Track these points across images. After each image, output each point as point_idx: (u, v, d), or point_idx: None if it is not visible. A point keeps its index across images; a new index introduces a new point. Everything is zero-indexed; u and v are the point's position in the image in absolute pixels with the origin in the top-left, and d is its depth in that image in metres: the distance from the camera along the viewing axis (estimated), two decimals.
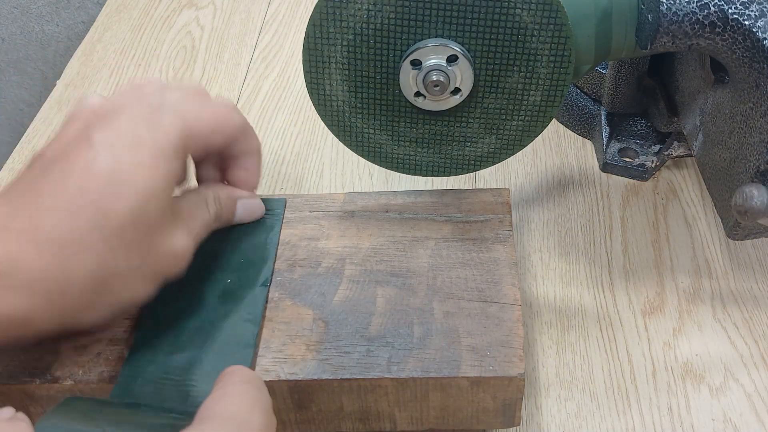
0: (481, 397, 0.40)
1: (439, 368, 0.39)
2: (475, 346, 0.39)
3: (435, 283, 0.43)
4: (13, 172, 0.62)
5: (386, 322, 0.41)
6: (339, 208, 0.47)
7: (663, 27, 0.39)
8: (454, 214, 0.46)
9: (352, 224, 0.46)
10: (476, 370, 0.38)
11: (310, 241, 0.45)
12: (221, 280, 0.43)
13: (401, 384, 0.39)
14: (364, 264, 0.44)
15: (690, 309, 0.50)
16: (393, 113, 0.44)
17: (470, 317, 0.41)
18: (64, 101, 0.69)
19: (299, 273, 0.44)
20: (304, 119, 0.65)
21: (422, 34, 0.40)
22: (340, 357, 0.39)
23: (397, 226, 0.46)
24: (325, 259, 0.44)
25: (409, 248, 0.45)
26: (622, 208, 0.56)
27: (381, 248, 0.45)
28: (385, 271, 0.43)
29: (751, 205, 0.36)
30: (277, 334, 0.41)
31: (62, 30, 0.91)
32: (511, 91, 0.42)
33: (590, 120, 0.59)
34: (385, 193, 0.48)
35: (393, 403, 0.40)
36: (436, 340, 0.40)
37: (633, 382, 0.46)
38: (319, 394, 0.40)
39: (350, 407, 0.41)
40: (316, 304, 0.42)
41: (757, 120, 0.40)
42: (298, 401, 0.40)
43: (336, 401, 0.40)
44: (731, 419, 0.44)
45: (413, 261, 0.44)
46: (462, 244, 0.45)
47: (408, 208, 0.47)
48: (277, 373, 0.39)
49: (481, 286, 0.42)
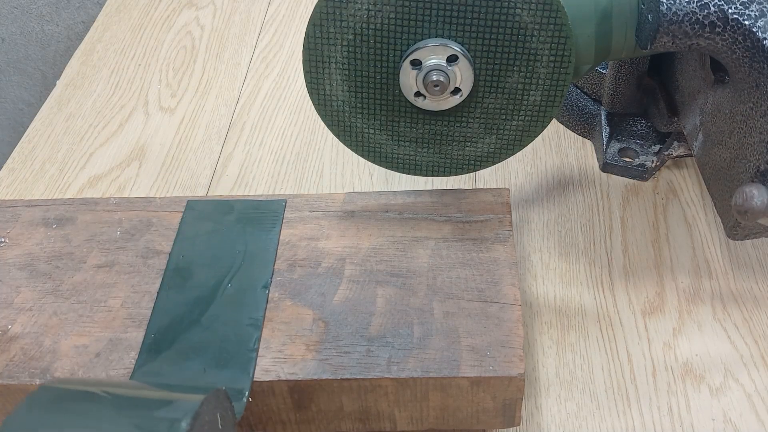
0: (481, 397, 0.40)
1: (439, 368, 0.39)
2: (475, 346, 0.39)
3: (435, 283, 0.43)
4: (13, 172, 0.62)
5: (386, 322, 0.41)
6: (339, 208, 0.47)
7: (663, 27, 0.39)
8: (454, 214, 0.46)
9: (352, 224, 0.46)
10: (476, 370, 0.38)
11: (310, 241, 0.45)
12: (222, 284, 0.43)
13: (401, 384, 0.39)
14: (364, 264, 0.44)
15: (690, 309, 0.50)
16: (393, 113, 0.44)
17: (470, 317, 0.41)
18: (64, 101, 0.69)
19: (299, 273, 0.44)
20: (304, 119, 0.65)
21: (422, 34, 0.40)
22: (340, 357, 0.39)
23: (397, 226, 0.46)
24: (325, 259, 0.44)
25: (409, 248, 0.45)
26: (622, 208, 0.56)
27: (381, 248, 0.45)
28: (385, 271, 0.43)
29: (751, 205, 0.36)
30: (277, 335, 0.41)
31: (62, 30, 0.91)
32: (511, 91, 0.42)
33: (590, 120, 0.59)
34: (384, 193, 0.48)
35: (393, 403, 0.40)
36: (436, 341, 0.40)
37: (633, 382, 0.46)
38: (319, 394, 0.40)
39: (350, 407, 0.41)
40: (316, 304, 0.42)
41: (757, 120, 0.40)
42: (298, 401, 0.40)
43: (336, 401, 0.40)
44: (731, 419, 0.44)
45: (413, 261, 0.44)
46: (462, 244, 0.45)
47: (408, 208, 0.47)
48: (277, 373, 0.39)
49: (481, 286, 0.42)
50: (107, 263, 0.45)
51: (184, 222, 0.47)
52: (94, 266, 0.45)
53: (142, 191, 0.60)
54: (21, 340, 0.41)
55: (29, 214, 0.48)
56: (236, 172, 0.61)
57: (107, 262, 0.45)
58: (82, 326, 0.42)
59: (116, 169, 0.62)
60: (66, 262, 0.45)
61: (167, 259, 0.45)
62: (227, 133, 0.64)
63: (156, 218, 0.47)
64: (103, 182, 0.61)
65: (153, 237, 0.46)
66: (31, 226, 0.47)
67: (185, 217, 0.47)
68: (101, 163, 0.62)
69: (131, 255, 0.45)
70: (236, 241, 0.45)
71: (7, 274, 0.45)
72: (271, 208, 0.47)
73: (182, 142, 0.64)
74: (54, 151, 0.64)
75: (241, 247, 0.45)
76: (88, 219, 0.48)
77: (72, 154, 0.63)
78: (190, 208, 0.48)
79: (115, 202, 0.48)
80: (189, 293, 0.43)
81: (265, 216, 0.47)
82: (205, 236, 0.46)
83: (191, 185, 0.60)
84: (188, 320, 0.42)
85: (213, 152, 0.63)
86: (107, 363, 0.40)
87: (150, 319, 0.42)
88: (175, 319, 0.42)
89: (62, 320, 0.42)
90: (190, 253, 0.45)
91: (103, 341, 0.41)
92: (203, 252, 0.45)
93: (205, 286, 0.43)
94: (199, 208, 0.48)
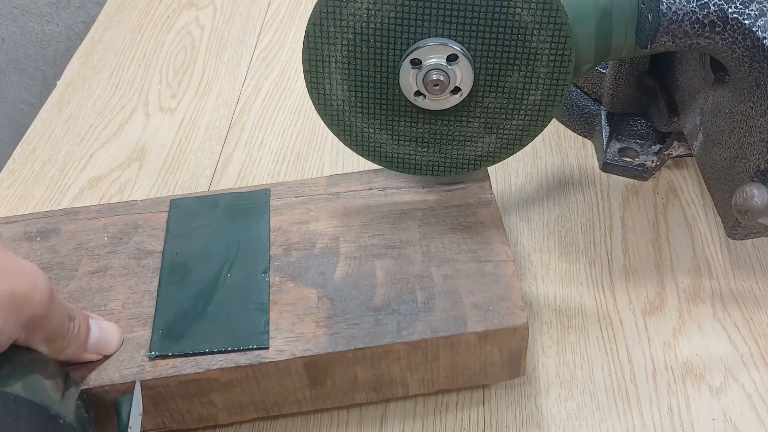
0: (488, 351, 0.41)
1: (447, 327, 0.40)
2: (477, 303, 0.41)
3: (429, 250, 0.44)
4: (13, 173, 0.62)
5: (389, 291, 0.42)
6: (324, 191, 0.48)
7: (663, 26, 0.39)
8: (434, 186, 0.48)
9: (339, 205, 0.47)
10: (482, 324, 0.40)
11: (301, 225, 0.46)
12: (221, 276, 0.43)
13: (412, 347, 0.40)
14: (357, 240, 0.45)
15: (690, 309, 0.50)
16: (393, 113, 0.44)
17: (468, 277, 0.42)
18: (64, 101, 0.69)
19: (296, 256, 0.44)
20: (304, 119, 0.65)
21: (422, 34, 0.40)
22: (350, 329, 0.40)
23: (383, 202, 0.47)
24: (318, 240, 0.45)
25: (399, 221, 0.46)
26: (622, 208, 0.56)
27: (371, 224, 0.46)
28: (380, 245, 0.45)
29: (751, 205, 0.37)
30: (285, 316, 0.41)
31: (62, 30, 0.91)
32: (511, 90, 0.42)
33: (590, 120, 0.59)
34: (366, 172, 0.49)
35: (405, 367, 0.41)
36: (440, 303, 0.41)
37: (633, 382, 0.46)
38: (334, 368, 0.41)
39: (364, 377, 0.42)
40: (318, 283, 0.43)
41: (757, 119, 0.40)
42: (314, 377, 0.41)
43: (350, 372, 0.41)
44: (731, 419, 0.44)
45: (405, 232, 0.45)
46: (448, 211, 0.46)
47: (391, 184, 0.48)
48: (292, 352, 0.40)
49: (473, 247, 0.44)
50: (100, 268, 0.45)
51: (171, 220, 0.47)
52: (88, 273, 0.45)
53: (142, 192, 0.60)
54: None
55: (9, 231, 0.47)
56: (236, 172, 0.61)
57: (100, 268, 0.45)
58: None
59: (116, 169, 0.62)
60: (57, 272, 0.45)
61: (161, 257, 0.45)
62: (227, 133, 0.64)
63: (141, 220, 0.47)
64: (104, 183, 0.60)
65: (142, 238, 0.46)
66: (14, 241, 0.47)
67: (171, 215, 0.47)
68: (102, 164, 0.62)
69: (123, 258, 0.45)
70: (228, 233, 0.46)
71: None
72: (257, 198, 0.48)
73: (182, 142, 0.64)
74: (54, 151, 0.64)
75: (234, 238, 0.45)
76: (72, 228, 0.47)
77: (72, 154, 0.63)
78: (174, 206, 0.48)
79: (97, 209, 0.48)
80: (189, 288, 0.43)
81: (252, 206, 0.47)
82: (196, 232, 0.46)
83: (191, 186, 0.60)
84: (194, 314, 0.42)
85: (213, 152, 0.63)
86: (118, 364, 0.40)
87: (155, 317, 0.42)
88: (179, 314, 0.42)
89: None
90: (183, 249, 0.45)
91: None
92: (197, 247, 0.45)
93: (205, 279, 0.43)
94: (184, 206, 0.48)
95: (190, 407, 0.41)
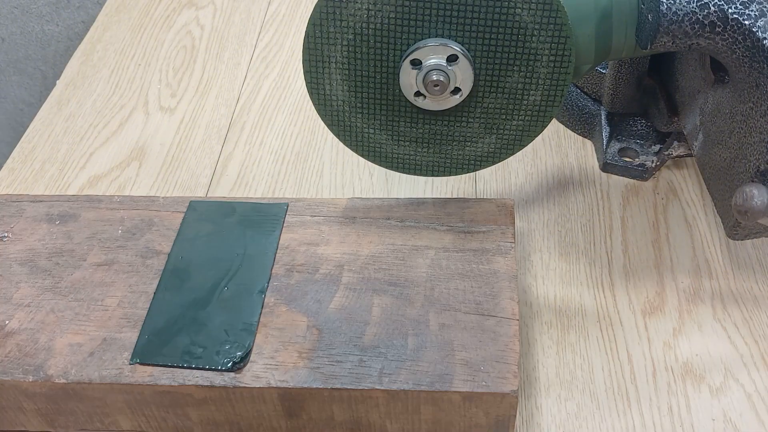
0: (473, 413, 0.39)
1: (432, 381, 0.38)
2: (469, 361, 0.39)
3: (432, 293, 0.42)
4: (13, 172, 0.62)
5: (381, 332, 0.40)
6: (341, 214, 0.47)
7: (663, 27, 0.39)
8: (456, 224, 0.46)
9: (353, 231, 0.46)
10: (469, 384, 0.38)
11: (310, 246, 0.45)
12: (218, 287, 0.43)
13: (392, 396, 0.38)
14: (362, 272, 0.44)
15: (690, 309, 0.50)
16: (393, 113, 0.44)
17: (466, 330, 0.40)
18: (64, 101, 0.69)
19: (297, 279, 0.43)
20: (304, 119, 0.65)
21: (422, 34, 0.40)
22: (331, 366, 0.39)
23: (398, 234, 0.46)
24: (323, 265, 0.44)
25: (409, 257, 0.44)
26: (622, 208, 0.56)
27: (380, 256, 0.44)
28: (383, 280, 0.43)
29: (751, 205, 0.36)
30: (270, 340, 0.40)
31: (62, 30, 0.91)
32: (511, 90, 0.42)
33: (590, 120, 0.59)
34: (388, 200, 0.48)
35: (384, 414, 0.40)
36: (430, 353, 0.39)
37: (633, 382, 0.46)
38: (310, 403, 0.39)
39: (341, 417, 0.40)
40: (311, 311, 0.42)
41: (757, 120, 0.40)
42: (289, 409, 0.40)
43: (327, 410, 0.40)
44: (731, 419, 0.44)
45: (412, 270, 0.43)
46: (462, 254, 0.44)
47: (410, 216, 0.47)
48: (268, 380, 0.39)
49: (479, 298, 0.42)
50: (107, 261, 0.45)
51: (185, 223, 0.47)
52: (94, 264, 0.45)
53: (142, 191, 0.60)
54: (17, 336, 0.41)
55: (33, 210, 0.48)
56: (236, 171, 0.61)
57: (107, 261, 0.45)
58: (78, 324, 0.42)
59: (116, 169, 0.62)
60: (66, 259, 0.45)
61: (166, 259, 0.45)
62: (227, 133, 0.64)
63: (158, 218, 0.47)
64: (103, 182, 0.60)
65: (153, 237, 0.46)
66: (35, 221, 0.48)
67: (186, 217, 0.47)
68: (101, 163, 0.62)
69: (131, 254, 0.45)
70: (235, 244, 0.45)
71: (8, 270, 0.45)
72: (273, 212, 0.47)
73: (182, 141, 0.64)
74: (54, 150, 0.64)
75: (240, 250, 0.45)
76: (91, 216, 0.48)
77: (72, 153, 0.63)
78: (192, 208, 0.48)
79: (119, 200, 0.49)
80: (185, 295, 0.43)
81: (266, 219, 0.47)
82: (204, 238, 0.46)
83: (191, 185, 0.60)
84: (182, 323, 0.41)
85: (213, 152, 0.63)
86: (100, 363, 0.40)
87: (145, 320, 0.42)
88: (169, 321, 0.42)
89: (59, 318, 0.42)
90: (188, 254, 0.45)
91: (98, 340, 0.41)
92: (202, 253, 0.45)
93: (202, 288, 0.43)
94: (201, 209, 0.48)
95: (165, 416, 0.41)
